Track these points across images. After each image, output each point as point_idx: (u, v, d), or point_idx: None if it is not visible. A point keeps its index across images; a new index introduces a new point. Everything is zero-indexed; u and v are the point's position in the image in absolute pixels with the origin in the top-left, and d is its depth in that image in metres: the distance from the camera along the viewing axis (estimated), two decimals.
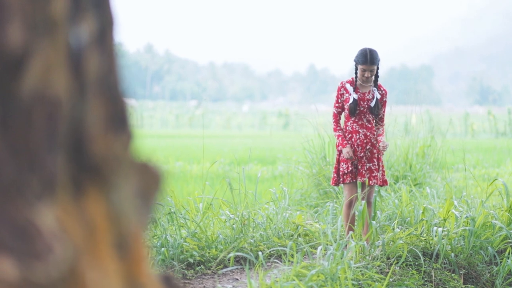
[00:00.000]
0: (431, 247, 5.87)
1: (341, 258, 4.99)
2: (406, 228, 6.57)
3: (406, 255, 5.56)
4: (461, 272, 5.73)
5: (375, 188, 6.35)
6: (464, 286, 5.62)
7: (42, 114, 1.07)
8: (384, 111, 6.45)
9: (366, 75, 6.25)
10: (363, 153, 6.28)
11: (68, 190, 1.12)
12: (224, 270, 5.48)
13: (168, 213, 5.94)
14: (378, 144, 6.30)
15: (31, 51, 1.06)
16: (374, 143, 6.31)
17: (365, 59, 6.20)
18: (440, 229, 5.89)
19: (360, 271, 5.15)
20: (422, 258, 5.58)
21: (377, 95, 6.34)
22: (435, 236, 5.93)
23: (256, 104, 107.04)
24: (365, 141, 6.29)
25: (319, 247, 5.27)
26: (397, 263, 5.51)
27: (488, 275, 5.81)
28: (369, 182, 6.23)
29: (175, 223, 5.90)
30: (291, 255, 5.35)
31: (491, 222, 6.16)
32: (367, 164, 6.28)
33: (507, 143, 20.07)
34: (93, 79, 1.17)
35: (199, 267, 5.58)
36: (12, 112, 1.05)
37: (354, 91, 6.32)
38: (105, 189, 1.18)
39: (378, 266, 5.39)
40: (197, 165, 13.67)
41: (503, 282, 5.72)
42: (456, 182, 9.89)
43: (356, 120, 6.33)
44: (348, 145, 6.26)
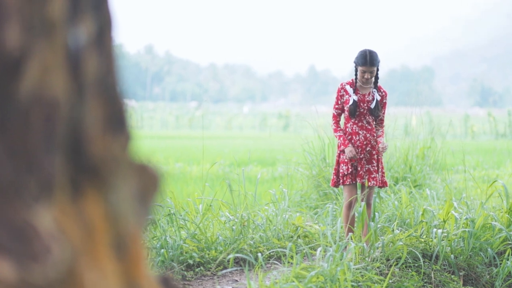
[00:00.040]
0: (430, 249, 5.87)
1: (340, 260, 4.99)
2: (406, 230, 6.57)
3: (406, 257, 5.55)
4: (460, 273, 5.73)
5: (374, 189, 6.35)
6: None
7: (40, 115, 1.07)
8: (384, 112, 6.45)
9: (366, 76, 6.25)
10: (363, 154, 6.28)
11: (66, 191, 1.12)
12: (224, 271, 5.48)
13: (168, 214, 5.94)
14: (377, 146, 6.31)
15: (29, 53, 1.06)
16: (374, 145, 6.31)
17: (364, 60, 6.20)
18: (440, 230, 5.89)
19: (360, 272, 5.15)
20: (422, 260, 5.58)
21: (377, 97, 6.34)
22: (435, 237, 5.93)
23: (257, 105, 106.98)
24: (364, 142, 6.29)
25: (319, 249, 5.27)
26: (396, 264, 5.51)
27: (488, 276, 5.81)
28: (368, 183, 6.24)
29: (175, 225, 5.90)
30: (291, 257, 5.35)
31: (491, 223, 6.16)
32: (366, 166, 6.28)
33: (507, 145, 20.05)
34: (91, 80, 1.17)
35: (199, 268, 5.57)
36: (10, 113, 1.05)
37: (354, 92, 6.32)
38: (103, 190, 1.18)
39: (377, 268, 5.39)
40: (197, 166, 13.66)
41: (502, 283, 5.71)
42: (456, 183, 9.88)
43: (356, 121, 6.33)
44: (350, 144, 6.26)
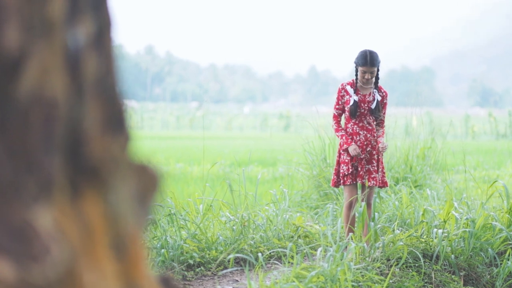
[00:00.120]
0: (431, 249, 5.87)
1: (341, 260, 4.99)
2: (406, 230, 6.57)
3: (406, 257, 5.55)
4: (461, 273, 5.73)
5: (374, 189, 6.35)
6: None
7: (39, 115, 1.07)
8: (385, 113, 6.45)
9: (366, 77, 6.25)
10: (364, 154, 6.28)
11: (66, 192, 1.12)
12: (224, 271, 5.48)
13: (168, 214, 5.94)
14: (377, 145, 6.31)
15: (28, 53, 1.06)
16: (374, 145, 6.31)
17: (365, 61, 6.20)
18: (440, 230, 5.89)
19: (360, 272, 5.15)
20: (422, 260, 5.57)
21: (377, 97, 6.34)
22: (435, 237, 5.93)
23: (258, 106, 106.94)
24: (365, 143, 6.29)
25: (319, 249, 5.27)
26: (397, 264, 5.51)
27: (488, 276, 5.81)
28: (368, 183, 6.24)
29: (175, 225, 5.90)
30: (291, 257, 5.35)
31: (491, 223, 6.15)
32: (366, 166, 6.28)
33: (507, 145, 20.04)
34: (90, 81, 1.17)
35: (199, 268, 5.57)
36: (9, 114, 1.05)
37: (354, 93, 6.32)
38: (102, 190, 1.18)
39: (378, 268, 5.39)
40: (197, 166, 13.66)
41: (503, 283, 5.71)
42: (456, 184, 9.89)
43: (357, 122, 6.33)
44: (354, 142, 6.25)
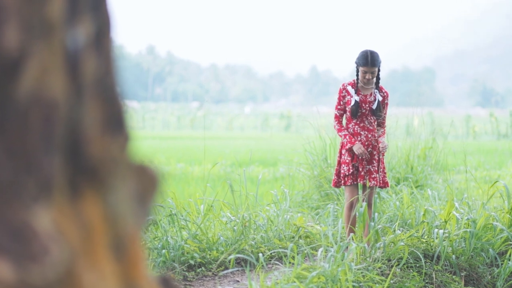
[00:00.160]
0: (432, 249, 5.87)
1: (341, 260, 4.99)
2: (407, 230, 6.56)
3: (407, 257, 5.55)
4: (462, 274, 5.73)
5: (375, 190, 6.35)
6: None
7: (39, 116, 1.07)
8: (386, 113, 6.45)
9: (367, 77, 6.25)
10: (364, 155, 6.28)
11: (65, 192, 1.12)
12: (225, 272, 5.48)
13: (169, 215, 5.94)
14: (378, 145, 6.30)
15: (28, 53, 1.06)
16: (375, 145, 6.31)
17: (366, 61, 6.19)
18: (441, 231, 5.89)
19: (361, 273, 5.15)
20: (423, 260, 5.57)
21: (378, 97, 6.34)
22: (436, 238, 5.92)
23: (258, 106, 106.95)
24: (366, 143, 6.29)
25: (320, 249, 5.27)
26: (398, 265, 5.51)
27: (489, 277, 5.80)
28: (368, 183, 6.23)
29: (176, 225, 5.90)
30: (292, 257, 5.35)
31: (492, 224, 6.15)
32: (367, 166, 6.28)
33: (508, 145, 20.04)
34: (90, 81, 1.17)
35: (200, 269, 5.57)
36: (8, 114, 1.05)
37: (355, 93, 6.32)
38: (102, 191, 1.18)
39: (379, 268, 5.39)
40: (198, 166, 13.66)
41: (504, 284, 5.71)
42: (457, 184, 9.88)
43: (358, 122, 6.32)
44: (358, 141, 6.24)
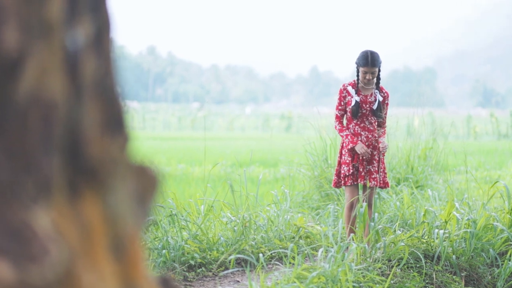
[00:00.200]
0: (432, 249, 5.87)
1: (342, 260, 4.99)
2: (408, 230, 6.56)
3: (407, 257, 5.55)
4: (462, 274, 5.73)
5: (375, 190, 6.34)
6: None
7: (38, 116, 1.07)
8: (386, 113, 6.45)
9: (367, 77, 6.25)
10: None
11: (64, 193, 1.13)
12: (225, 272, 5.48)
13: (170, 215, 5.95)
14: (378, 145, 6.30)
15: (27, 54, 1.06)
16: (376, 145, 6.31)
17: (366, 61, 6.19)
18: (442, 231, 5.89)
19: (361, 273, 5.15)
20: (424, 260, 5.57)
21: (379, 98, 6.34)
22: (437, 238, 5.92)
23: (259, 107, 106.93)
24: (366, 143, 6.29)
25: (320, 249, 5.27)
26: (398, 265, 5.51)
27: (490, 277, 5.80)
28: (369, 183, 6.23)
29: (177, 225, 5.90)
30: (292, 257, 5.35)
31: (493, 224, 6.15)
32: (367, 166, 6.28)
33: (509, 145, 20.03)
34: (89, 81, 1.17)
35: (200, 269, 5.57)
36: (8, 115, 1.05)
37: (356, 93, 6.31)
38: (101, 191, 1.18)
39: (379, 268, 5.39)
40: (199, 167, 13.67)
41: (504, 284, 5.71)
42: (457, 184, 9.88)
43: (358, 122, 6.32)
44: (360, 141, 6.24)
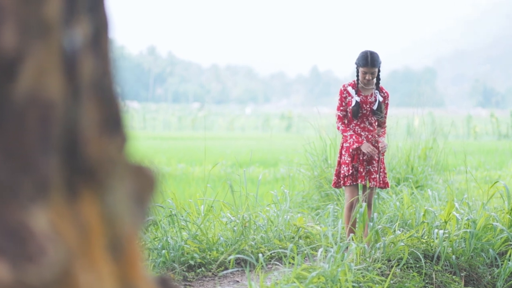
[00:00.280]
0: (432, 249, 5.87)
1: (341, 260, 4.99)
2: (407, 230, 6.56)
3: (407, 257, 5.55)
4: (462, 274, 5.72)
5: (375, 190, 6.34)
6: None
7: (36, 116, 1.07)
8: (386, 113, 6.45)
9: (367, 77, 6.24)
10: (366, 156, 6.27)
11: (62, 193, 1.13)
12: (225, 272, 5.48)
13: (169, 215, 5.95)
14: (377, 145, 6.30)
15: (25, 54, 1.06)
16: (376, 146, 6.31)
17: (366, 61, 6.19)
18: (441, 231, 5.89)
19: (361, 273, 5.15)
20: (423, 260, 5.57)
21: (379, 98, 6.33)
22: (436, 238, 5.92)
23: (260, 106, 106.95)
24: None
25: (320, 249, 5.27)
26: (398, 265, 5.51)
27: (489, 277, 5.80)
28: (368, 184, 6.23)
29: (176, 225, 5.90)
30: (292, 257, 5.35)
31: (492, 224, 6.15)
32: (367, 167, 6.28)
33: (509, 145, 20.02)
34: (87, 82, 1.17)
35: (200, 269, 5.58)
36: (5, 114, 1.05)
37: (356, 94, 6.31)
38: (99, 191, 1.18)
39: (379, 268, 5.39)
40: (199, 167, 13.67)
41: (504, 284, 5.71)
42: (457, 184, 9.88)
43: (359, 123, 6.31)
44: (364, 140, 6.24)
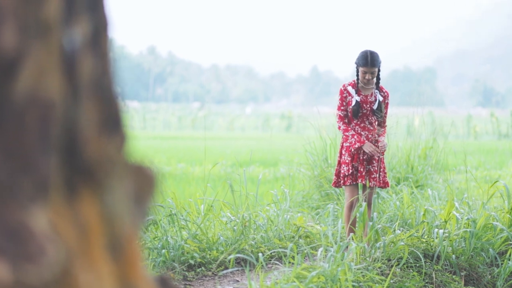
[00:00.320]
0: (432, 249, 5.87)
1: (341, 260, 4.99)
2: (407, 230, 6.56)
3: (407, 257, 5.55)
4: (462, 274, 5.72)
5: (375, 190, 6.34)
6: None
7: (35, 116, 1.07)
8: (386, 113, 6.44)
9: (367, 77, 6.24)
10: (366, 156, 6.27)
11: (62, 192, 1.13)
12: (225, 271, 5.48)
13: (169, 214, 5.95)
14: (377, 144, 6.29)
15: (24, 54, 1.06)
16: (376, 145, 6.30)
17: (365, 61, 6.19)
18: (441, 230, 5.89)
19: (361, 272, 5.15)
20: (423, 260, 5.57)
21: (379, 97, 6.33)
22: (436, 237, 5.92)
23: (260, 106, 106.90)
24: None
25: (320, 249, 5.27)
26: (398, 264, 5.51)
27: (489, 276, 5.80)
28: (368, 183, 6.23)
29: (176, 225, 5.90)
30: (292, 257, 5.35)
31: (492, 224, 6.15)
32: (367, 166, 6.27)
33: (509, 145, 20.02)
34: (86, 81, 1.17)
35: (200, 268, 5.58)
36: (5, 114, 1.05)
37: (356, 93, 6.30)
38: (99, 191, 1.18)
39: (378, 268, 5.39)
40: (199, 167, 13.68)
41: (504, 283, 5.71)
42: (457, 184, 9.88)
43: (359, 122, 6.31)
44: (369, 140, 6.24)
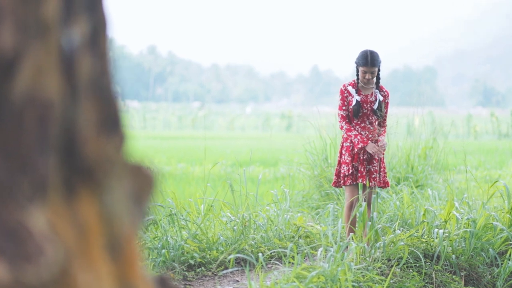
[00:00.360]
0: (432, 249, 5.87)
1: (341, 260, 4.99)
2: (407, 230, 6.56)
3: (407, 257, 5.55)
4: (462, 274, 5.72)
5: (375, 190, 6.33)
6: None
7: (34, 116, 1.07)
8: (386, 112, 6.44)
9: (367, 77, 6.24)
10: (366, 155, 6.26)
11: (60, 192, 1.12)
12: (225, 271, 5.48)
13: (169, 214, 5.94)
14: (377, 144, 6.29)
15: (23, 54, 1.06)
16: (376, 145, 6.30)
17: (365, 61, 6.18)
18: (441, 230, 5.88)
19: (361, 272, 5.15)
20: (423, 260, 5.57)
21: (379, 97, 6.33)
22: (436, 237, 5.92)
23: (260, 106, 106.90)
24: None
25: (320, 249, 5.27)
26: (397, 264, 5.50)
27: (489, 276, 5.80)
28: (369, 183, 6.23)
29: (176, 225, 5.90)
30: (292, 257, 5.35)
31: (492, 224, 6.15)
32: (367, 166, 6.27)
33: (509, 145, 20.02)
34: (85, 81, 1.17)
35: (200, 268, 5.57)
36: (3, 114, 1.05)
37: (356, 93, 6.30)
38: (97, 191, 1.18)
39: (378, 268, 5.39)
40: (199, 166, 13.68)
41: (504, 283, 5.71)
42: (457, 183, 9.88)
43: (359, 122, 6.31)
44: (369, 140, 6.23)
